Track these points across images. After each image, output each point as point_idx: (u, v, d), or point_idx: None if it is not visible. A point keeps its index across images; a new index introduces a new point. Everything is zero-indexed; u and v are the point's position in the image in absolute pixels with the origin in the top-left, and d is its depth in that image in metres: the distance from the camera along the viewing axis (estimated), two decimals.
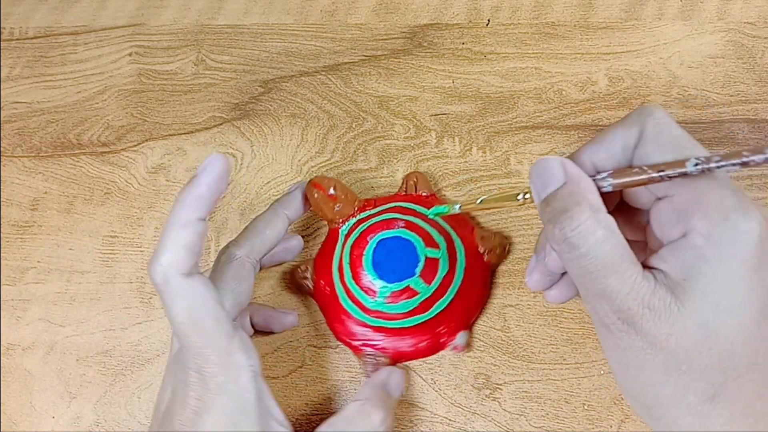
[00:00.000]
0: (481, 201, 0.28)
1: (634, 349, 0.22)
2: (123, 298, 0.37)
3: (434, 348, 0.34)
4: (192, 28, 0.44)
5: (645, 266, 0.22)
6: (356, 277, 0.33)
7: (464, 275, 0.34)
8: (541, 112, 0.39)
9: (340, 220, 0.35)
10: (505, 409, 0.33)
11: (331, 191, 0.34)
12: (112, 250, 0.38)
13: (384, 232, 0.33)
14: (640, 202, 0.26)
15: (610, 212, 0.23)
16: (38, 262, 0.38)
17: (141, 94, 0.42)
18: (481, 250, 0.35)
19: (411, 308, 0.32)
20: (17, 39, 0.44)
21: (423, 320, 0.33)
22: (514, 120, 0.39)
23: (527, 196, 0.26)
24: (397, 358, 0.34)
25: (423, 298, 0.32)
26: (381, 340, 0.33)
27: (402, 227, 0.33)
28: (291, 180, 0.39)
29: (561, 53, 0.41)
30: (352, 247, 0.34)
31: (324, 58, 0.42)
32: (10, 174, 0.41)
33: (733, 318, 0.20)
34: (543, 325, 0.34)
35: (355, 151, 0.39)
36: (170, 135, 0.41)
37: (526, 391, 0.33)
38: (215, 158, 0.25)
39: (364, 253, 0.33)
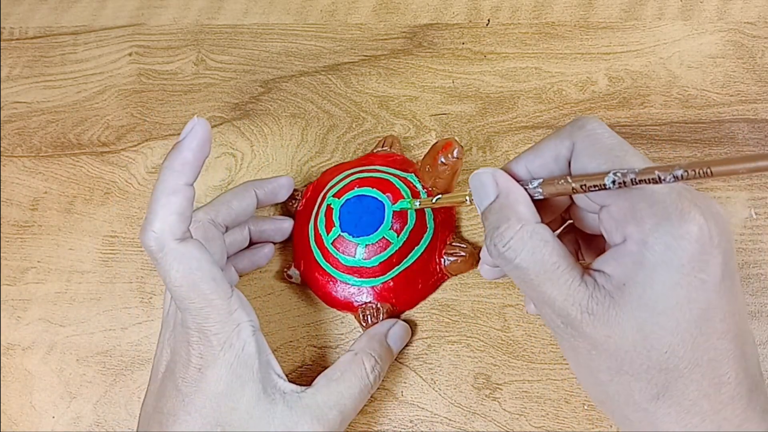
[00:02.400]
0: (437, 200, 0.31)
1: (581, 350, 0.22)
2: (123, 298, 0.37)
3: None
4: (192, 28, 0.44)
5: (591, 269, 0.23)
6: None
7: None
8: (541, 112, 0.39)
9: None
10: (505, 409, 0.33)
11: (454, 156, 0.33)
12: (112, 250, 0.38)
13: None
14: (589, 226, 0.27)
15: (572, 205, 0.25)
16: (38, 262, 0.38)
17: (141, 94, 0.42)
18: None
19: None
20: (17, 39, 0.44)
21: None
22: (514, 120, 0.39)
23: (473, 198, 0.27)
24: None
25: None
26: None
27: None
28: None
29: (561, 53, 0.41)
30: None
31: (324, 58, 0.42)
32: (10, 174, 0.41)
33: (670, 321, 0.20)
34: (543, 325, 0.34)
35: (355, 151, 0.39)
36: (170, 135, 0.41)
37: (526, 391, 0.33)
38: (198, 123, 0.25)
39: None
